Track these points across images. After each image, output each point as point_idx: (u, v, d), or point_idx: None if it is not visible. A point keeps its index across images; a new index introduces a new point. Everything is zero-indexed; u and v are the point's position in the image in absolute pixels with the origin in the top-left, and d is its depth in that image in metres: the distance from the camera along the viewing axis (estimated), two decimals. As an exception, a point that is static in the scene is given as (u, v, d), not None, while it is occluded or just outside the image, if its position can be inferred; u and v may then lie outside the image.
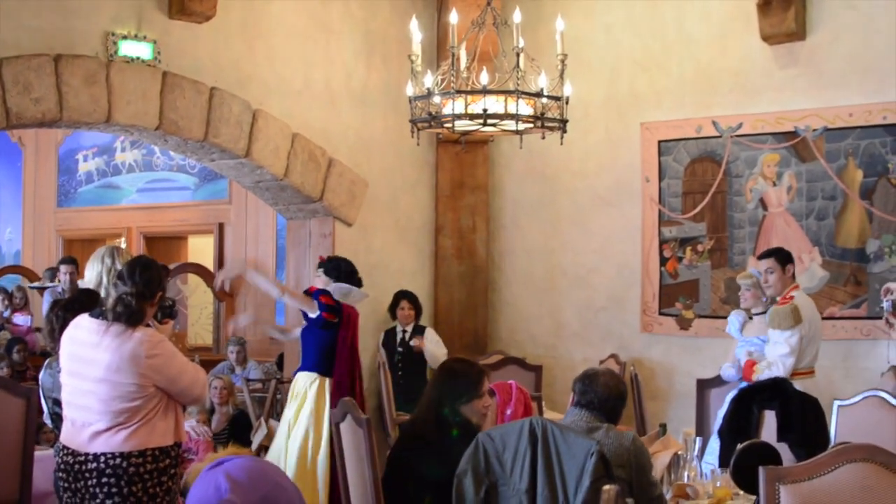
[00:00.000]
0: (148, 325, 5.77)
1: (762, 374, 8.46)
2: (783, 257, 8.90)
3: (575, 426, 5.70)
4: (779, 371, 8.41)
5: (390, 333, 11.44)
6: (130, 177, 16.26)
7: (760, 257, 9.09)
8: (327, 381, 8.94)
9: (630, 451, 5.58)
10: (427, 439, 6.08)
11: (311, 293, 9.07)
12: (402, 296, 11.46)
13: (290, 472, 8.47)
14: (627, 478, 5.51)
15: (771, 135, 10.65)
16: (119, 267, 6.58)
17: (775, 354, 8.56)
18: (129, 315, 5.60)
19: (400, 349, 11.33)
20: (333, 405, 8.25)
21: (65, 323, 6.07)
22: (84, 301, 6.26)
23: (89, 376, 5.61)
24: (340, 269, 9.29)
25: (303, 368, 9.14)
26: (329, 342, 9.00)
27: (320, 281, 9.25)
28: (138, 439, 5.59)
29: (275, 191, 10.96)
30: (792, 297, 8.65)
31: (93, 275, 6.71)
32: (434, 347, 11.26)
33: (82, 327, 5.74)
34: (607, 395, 5.81)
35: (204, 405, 10.52)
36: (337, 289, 9.15)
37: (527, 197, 12.20)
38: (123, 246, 11.00)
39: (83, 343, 5.68)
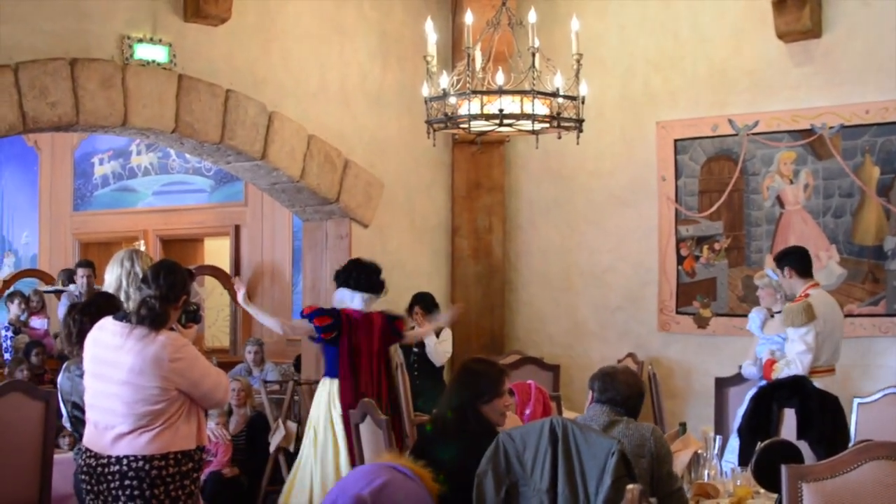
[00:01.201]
0: (172, 329, 5.77)
1: (781, 372, 8.46)
2: (778, 259, 8.99)
3: (595, 419, 5.70)
4: (797, 369, 8.40)
5: None
6: (146, 180, 16.27)
7: None
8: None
9: (650, 441, 5.57)
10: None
11: (307, 314, 9.13)
12: (416, 301, 11.40)
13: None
14: (649, 468, 5.50)
15: (787, 132, 10.64)
16: (138, 270, 6.60)
17: (793, 352, 8.56)
18: (152, 318, 5.60)
19: (416, 350, 11.29)
20: (343, 408, 8.41)
21: (82, 326, 6.08)
22: (101, 304, 6.27)
23: (113, 379, 5.61)
24: (349, 275, 9.30)
25: (325, 374, 9.21)
26: (337, 350, 9.10)
27: None
28: (161, 442, 5.60)
29: (291, 192, 10.97)
30: (807, 295, 8.65)
31: (112, 278, 6.71)
32: (440, 345, 11.16)
33: (106, 330, 5.75)
34: (628, 392, 5.80)
35: (223, 408, 10.53)
36: (337, 297, 9.20)
37: (543, 197, 12.19)
38: (143, 249, 11.03)
39: (107, 345, 5.69)
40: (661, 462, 5.57)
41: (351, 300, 9.11)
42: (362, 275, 9.27)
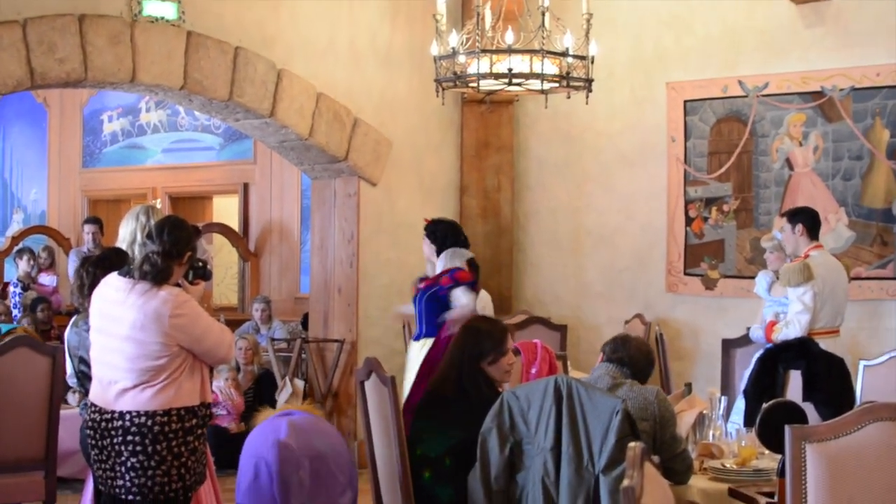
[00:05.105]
0: (177, 285, 5.78)
1: (780, 332, 8.45)
2: (790, 216, 8.89)
3: (600, 380, 5.71)
4: (795, 329, 8.37)
5: None
6: (155, 137, 16.26)
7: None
8: None
9: (653, 405, 5.57)
10: (449, 398, 6.10)
11: (448, 284, 8.76)
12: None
13: None
14: (651, 431, 5.50)
15: (797, 94, 10.60)
16: (153, 226, 6.61)
17: (791, 312, 8.53)
18: (155, 274, 5.60)
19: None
20: None
21: (95, 279, 6.08)
22: (113, 259, 6.28)
23: (115, 334, 5.63)
24: (446, 234, 9.05)
25: (425, 335, 8.90)
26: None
27: (426, 245, 9.06)
28: (164, 398, 5.60)
29: (299, 150, 10.96)
30: (807, 256, 8.61)
31: (126, 232, 6.72)
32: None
33: (110, 285, 5.76)
34: (638, 355, 5.82)
35: (229, 364, 10.56)
36: (451, 256, 8.94)
37: (552, 157, 12.17)
38: (158, 206, 10.95)
39: (111, 300, 5.70)
40: (664, 425, 5.58)
41: (462, 258, 8.87)
42: (452, 234, 9.06)
